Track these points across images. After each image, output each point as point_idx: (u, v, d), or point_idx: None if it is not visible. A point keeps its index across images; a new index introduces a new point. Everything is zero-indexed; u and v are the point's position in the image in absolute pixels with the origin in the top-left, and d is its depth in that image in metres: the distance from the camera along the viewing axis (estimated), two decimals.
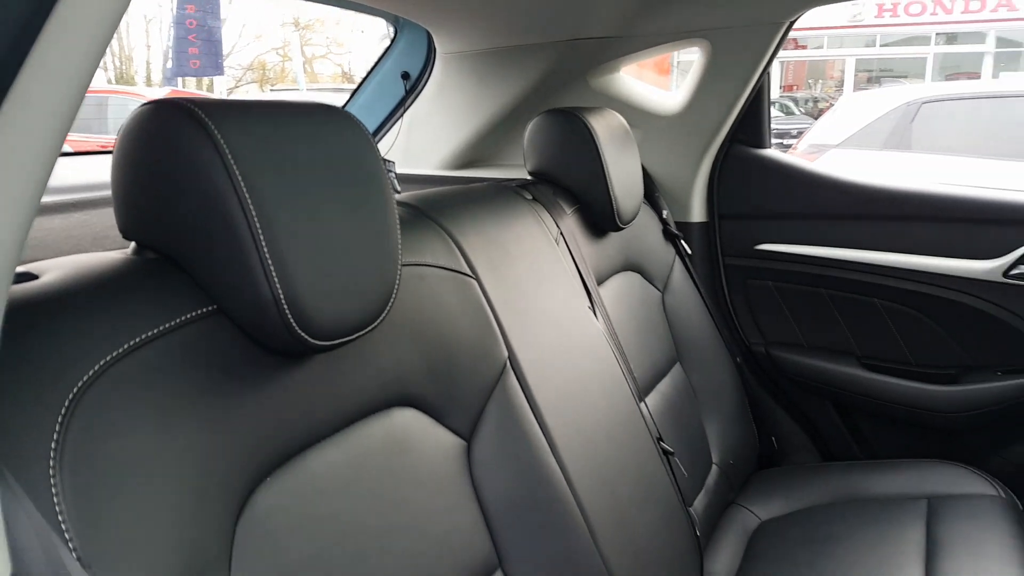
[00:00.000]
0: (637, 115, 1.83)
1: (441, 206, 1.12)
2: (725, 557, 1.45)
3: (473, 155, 2.01)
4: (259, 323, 0.66)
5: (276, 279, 0.64)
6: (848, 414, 1.82)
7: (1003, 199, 1.63)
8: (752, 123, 1.83)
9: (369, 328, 0.74)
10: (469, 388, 0.96)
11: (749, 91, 1.74)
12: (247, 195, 0.63)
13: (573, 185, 1.45)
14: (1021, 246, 1.58)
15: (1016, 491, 1.51)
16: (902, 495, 1.52)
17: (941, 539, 1.35)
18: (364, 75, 2.05)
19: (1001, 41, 16.03)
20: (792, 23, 1.64)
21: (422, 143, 2.00)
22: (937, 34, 16.32)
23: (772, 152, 1.86)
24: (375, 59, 2.03)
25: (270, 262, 0.63)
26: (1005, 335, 1.62)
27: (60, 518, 0.51)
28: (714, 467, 1.60)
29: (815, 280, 1.79)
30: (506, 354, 1.02)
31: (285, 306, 0.64)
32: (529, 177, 1.51)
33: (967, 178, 4.71)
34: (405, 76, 1.99)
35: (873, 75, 17.75)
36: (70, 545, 0.51)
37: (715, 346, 1.72)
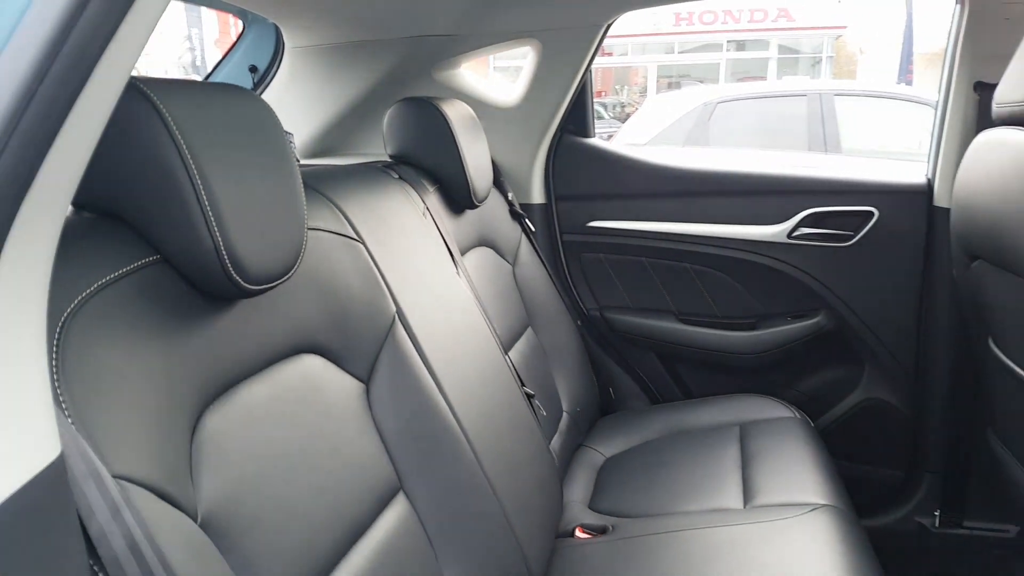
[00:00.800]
0: (479, 107, 2.00)
1: (323, 179, 1.24)
2: (579, 487, 1.66)
3: (323, 145, 2.10)
4: (200, 269, 0.76)
5: (216, 230, 0.75)
6: (670, 362, 2.11)
7: (784, 174, 1.97)
8: (579, 115, 2.07)
9: (286, 277, 0.85)
10: (364, 338, 1.09)
11: (575, 87, 1.97)
12: (191, 160, 0.73)
13: (432, 167, 1.60)
14: (800, 212, 1.92)
15: (808, 413, 1.85)
16: (718, 424, 1.81)
17: (752, 454, 1.63)
18: (211, 68, 2.09)
19: (782, 48, 17.89)
20: (610, 25, 1.88)
21: None
22: (728, 42, 17.89)
23: (596, 141, 2.11)
24: (177, 54, 2.06)
25: (211, 216, 0.74)
26: (792, 287, 1.96)
27: (70, 421, 0.60)
28: (565, 414, 1.81)
29: (637, 251, 2.06)
30: (394, 309, 1.16)
31: (224, 253, 0.75)
32: (389, 160, 1.65)
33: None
34: (253, 69, 2.05)
35: (673, 80, 19.06)
36: (85, 443, 0.60)
37: (559, 311, 1.94)
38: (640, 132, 6.17)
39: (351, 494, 0.96)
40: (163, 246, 0.76)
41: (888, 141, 5.58)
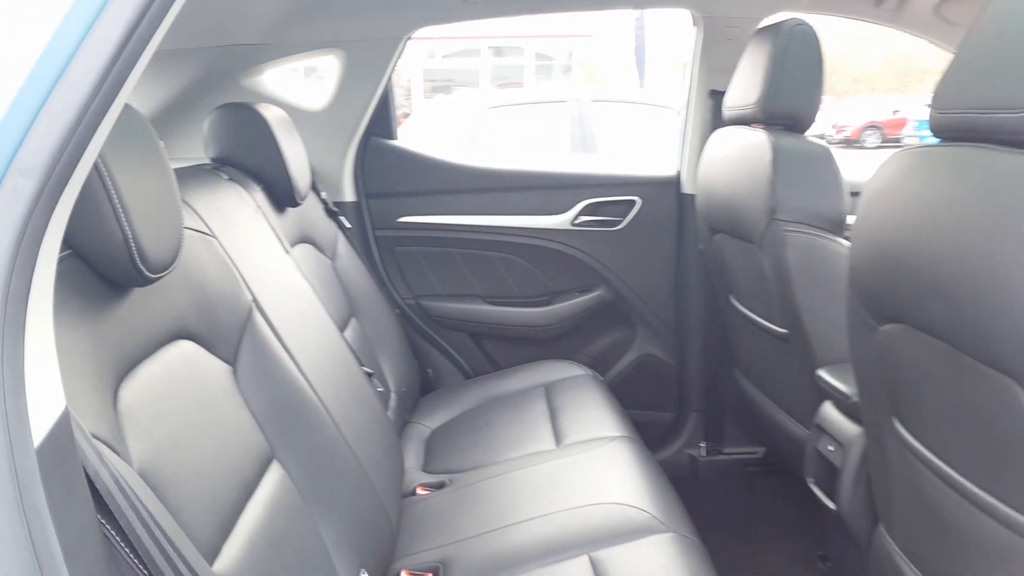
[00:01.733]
0: (287, 112, 2.11)
1: None
2: (412, 456, 1.84)
3: None
4: (110, 260, 0.86)
5: (126, 226, 0.85)
6: (480, 340, 2.36)
7: (565, 171, 2.30)
8: (383, 119, 2.24)
9: (173, 267, 0.96)
10: (227, 325, 1.20)
11: (379, 93, 2.14)
12: (103, 165, 0.83)
13: (255, 168, 1.69)
14: (579, 203, 2.25)
15: (597, 370, 2.17)
16: (526, 387, 2.07)
17: (557, 407, 1.91)
18: None
19: (539, 56, 19.00)
20: (409, 37, 2.08)
21: None
22: (488, 48, 18.66)
23: (400, 142, 2.30)
24: None
25: (121, 214, 0.84)
26: (577, 266, 2.28)
27: None
28: (392, 395, 1.98)
29: (445, 242, 2.28)
30: (250, 298, 1.27)
31: (132, 245, 0.86)
32: (211, 163, 1.72)
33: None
34: None
35: (438, 84, 19.49)
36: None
37: (378, 302, 2.10)
38: (415, 135, 6.38)
39: (238, 460, 1.08)
40: (76, 242, 0.85)
41: (633, 140, 6.27)
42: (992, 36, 0.95)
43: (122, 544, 0.66)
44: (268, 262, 1.45)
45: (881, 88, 18.67)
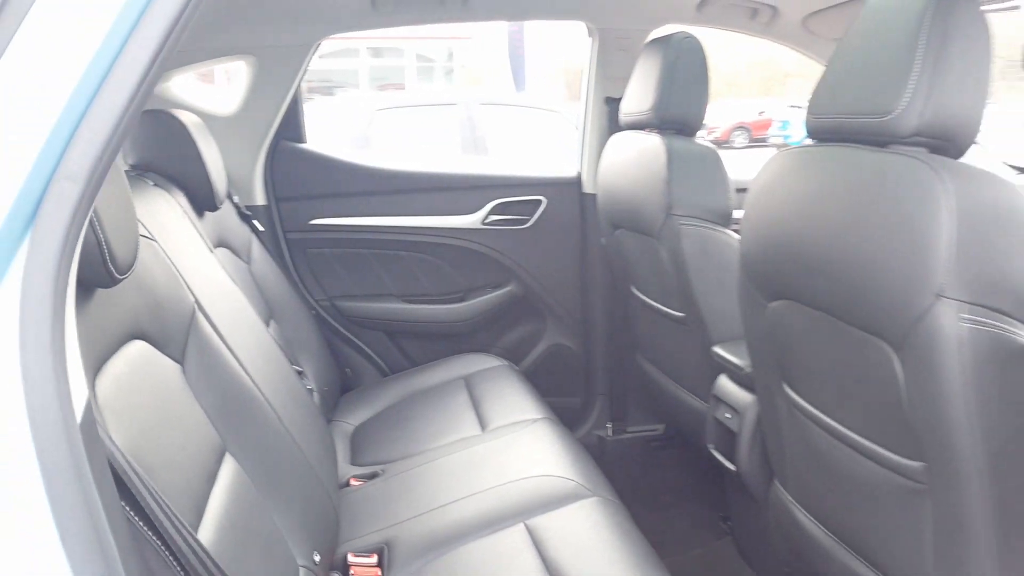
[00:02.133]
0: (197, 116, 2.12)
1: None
2: (340, 453, 1.90)
3: None
4: (85, 262, 0.90)
5: (99, 229, 0.90)
6: (397, 338, 2.44)
7: (475, 172, 2.41)
8: (293, 123, 2.28)
9: (133, 269, 1.01)
10: (173, 326, 1.24)
11: (289, 98, 2.19)
12: None
13: (177, 173, 1.71)
14: (489, 202, 2.36)
15: (512, 360, 2.29)
16: (447, 380, 2.16)
17: (479, 396, 2.02)
18: None
19: (419, 57, 18.97)
20: (319, 43, 2.13)
21: None
22: (367, 48, 18.47)
23: (309, 146, 2.35)
24: None
25: (96, 220, 0.89)
26: (488, 264, 2.40)
27: None
28: (314, 394, 2.03)
29: (358, 244, 2.34)
30: (193, 299, 1.31)
31: (105, 248, 0.91)
32: (130, 169, 1.72)
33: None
34: None
35: (314, 85, 19.05)
36: None
37: (295, 304, 2.14)
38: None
39: (200, 453, 1.13)
40: None
41: (522, 142, 6.45)
42: (857, 51, 1.13)
43: (139, 520, 0.73)
44: (201, 265, 1.48)
45: (747, 91, 19.75)
